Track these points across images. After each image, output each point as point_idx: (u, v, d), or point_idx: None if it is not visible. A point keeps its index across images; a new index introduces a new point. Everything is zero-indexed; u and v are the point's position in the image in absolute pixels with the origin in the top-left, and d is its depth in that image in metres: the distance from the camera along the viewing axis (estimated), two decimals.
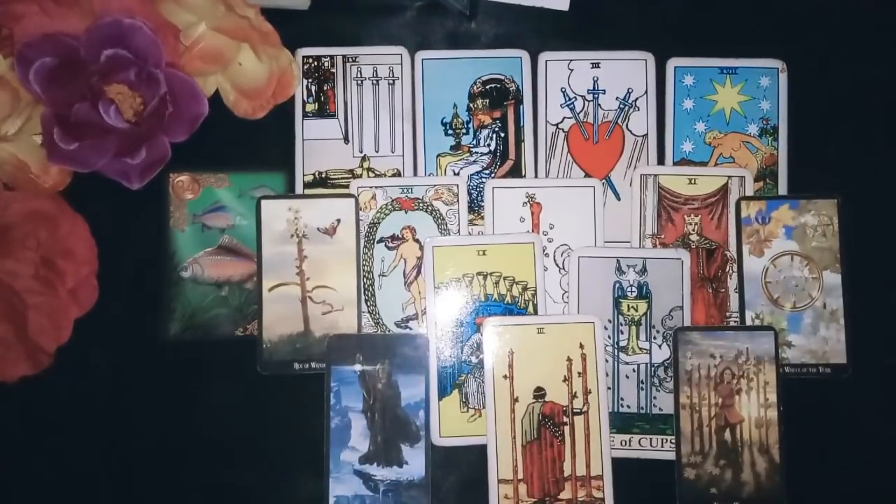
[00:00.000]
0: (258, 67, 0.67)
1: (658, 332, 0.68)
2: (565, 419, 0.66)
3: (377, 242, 0.69)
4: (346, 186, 0.69)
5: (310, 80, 0.70)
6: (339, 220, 0.68)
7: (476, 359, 0.67)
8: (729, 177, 0.70)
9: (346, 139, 0.70)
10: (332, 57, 0.71)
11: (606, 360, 0.67)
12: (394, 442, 0.66)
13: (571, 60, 0.71)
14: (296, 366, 0.67)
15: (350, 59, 0.71)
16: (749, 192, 0.69)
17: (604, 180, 0.70)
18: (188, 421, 0.68)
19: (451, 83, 0.71)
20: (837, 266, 0.69)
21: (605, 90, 0.71)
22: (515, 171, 0.71)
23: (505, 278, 0.68)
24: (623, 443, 0.67)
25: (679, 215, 0.70)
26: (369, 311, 0.68)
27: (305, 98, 0.70)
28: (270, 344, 0.67)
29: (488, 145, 0.71)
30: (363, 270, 0.69)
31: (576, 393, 0.66)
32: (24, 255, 0.65)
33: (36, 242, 0.66)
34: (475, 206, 0.70)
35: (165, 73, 0.65)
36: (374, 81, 0.71)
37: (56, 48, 0.63)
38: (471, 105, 0.71)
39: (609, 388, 0.67)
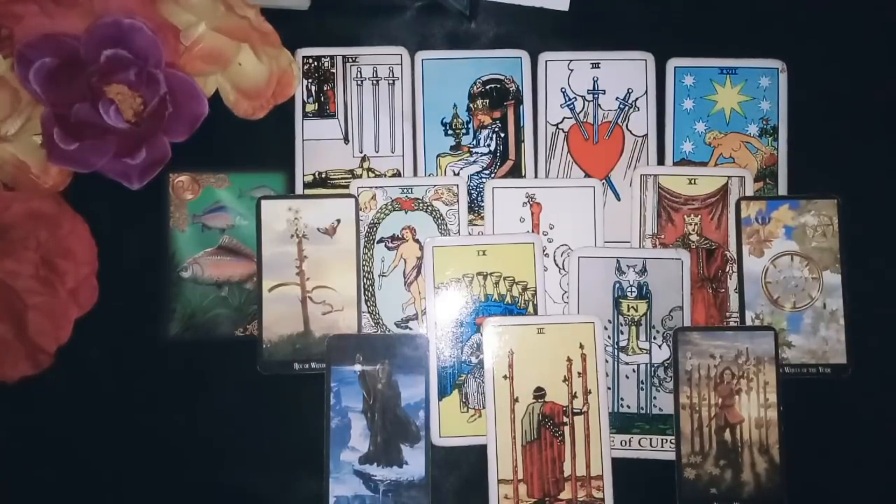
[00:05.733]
0: (258, 67, 0.67)
1: (658, 332, 0.68)
2: (565, 419, 0.66)
3: (377, 242, 0.69)
4: (346, 186, 0.69)
5: (310, 81, 0.70)
6: (339, 221, 0.68)
7: (476, 359, 0.67)
8: (729, 177, 0.70)
9: (346, 139, 0.70)
10: (332, 57, 0.71)
11: (606, 361, 0.67)
12: (394, 442, 0.66)
13: (571, 60, 0.71)
14: (296, 366, 0.67)
15: (350, 60, 0.71)
16: (749, 192, 0.69)
17: (604, 180, 0.70)
18: (188, 421, 0.68)
19: (451, 83, 0.71)
20: (837, 266, 0.69)
21: (605, 90, 0.71)
22: (515, 172, 0.71)
23: (505, 278, 0.68)
24: (623, 443, 0.67)
25: (679, 215, 0.70)
26: (369, 312, 0.68)
27: (305, 98, 0.70)
28: (270, 344, 0.67)
29: (488, 145, 0.71)
30: (363, 270, 0.69)
31: (576, 393, 0.66)
32: (24, 255, 0.65)
33: (36, 242, 0.66)
34: (475, 207, 0.70)
35: (165, 73, 0.65)
36: (374, 81, 0.71)
37: (56, 48, 0.63)
38: (471, 105, 0.71)
39: (609, 389, 0.67)
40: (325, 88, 0.70)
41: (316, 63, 0.71)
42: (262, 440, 0.68)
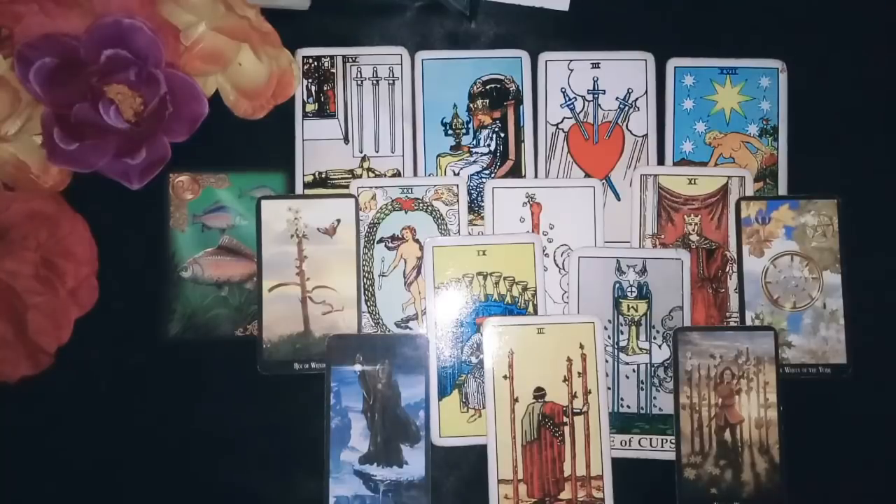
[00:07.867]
0: (258, 68, 0.67)
1: (658, 332, 0.68)
2: (565, 419, 0.66)
3: (377, 242, 0.69)
4: (346, 186, 0.69)
5: (310, 81, 0.70)
6: (339, 221, 0.68)
7: (476, 359, 0.67)
8: (729, 177, 0.70)
9: (346, 139, 0.70)
10: (332, 57, 0.71)
11: (606, 361, 0.67)
12: (394, 442, 0.66)
13: (571, 60, 0.71)
14: (296, 366, 0.67)
15: (350, 60, 0.71)
16: (749, 192, 0.69)
17: (604, 180, 0.70)
18: (188, 421, 0.68)
19: (451, 83, 0.71)
20: (837, 266, 0.69)
21: (605, 90, 0.71)
22: (515, 172, 0.71)
23: (505, 278, 0.68)
24: (623, 443, 0.67)
25: (679, 215, 0.70)
26: (369, 312, 0.68)
27: (305, 98, 0.70)
28: (270, 344, 0.67)
29: (488, 145, 0.71)
30: (363, 270, 0.69)
31: (576, 393, 0.66)
32: (24, 255, 0.65)
33: (36, 242, 0.66)
34: (475, 207, 0.70)
35: (165, 73, 0.65)
36: (374, 81, 0.71)
37: (56, 48, 0.63)
38: (471, 105, 0.71)
39: (609, 389, 0.67)
40: (325, 88, 0.70)
41: (316, 63, 0.71)
42: (262, 440, 0.68)
